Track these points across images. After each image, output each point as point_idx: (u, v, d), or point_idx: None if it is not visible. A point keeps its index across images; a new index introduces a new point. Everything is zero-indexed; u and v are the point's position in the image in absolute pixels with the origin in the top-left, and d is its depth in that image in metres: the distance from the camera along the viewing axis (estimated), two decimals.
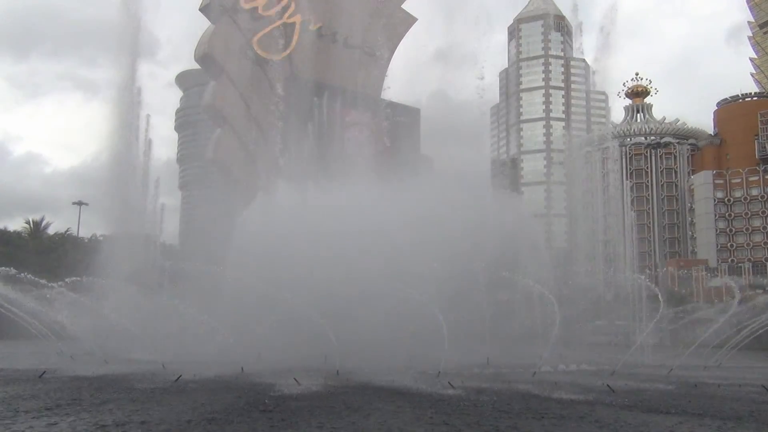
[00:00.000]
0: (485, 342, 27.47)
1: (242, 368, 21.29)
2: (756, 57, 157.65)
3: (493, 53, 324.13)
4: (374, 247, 26.60)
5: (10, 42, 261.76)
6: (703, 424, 12.87)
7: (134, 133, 41.60)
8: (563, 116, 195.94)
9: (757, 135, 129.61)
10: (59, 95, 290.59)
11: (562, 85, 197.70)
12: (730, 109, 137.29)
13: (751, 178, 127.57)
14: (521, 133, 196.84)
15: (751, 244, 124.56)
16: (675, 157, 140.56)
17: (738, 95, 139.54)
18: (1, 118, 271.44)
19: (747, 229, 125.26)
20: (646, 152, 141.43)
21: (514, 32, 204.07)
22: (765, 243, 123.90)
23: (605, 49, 58.03)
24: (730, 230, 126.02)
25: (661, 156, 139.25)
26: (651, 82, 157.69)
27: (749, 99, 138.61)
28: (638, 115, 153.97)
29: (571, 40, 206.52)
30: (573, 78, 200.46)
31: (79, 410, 13.13)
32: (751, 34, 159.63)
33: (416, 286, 24.29)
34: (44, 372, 19.68)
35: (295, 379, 18.22)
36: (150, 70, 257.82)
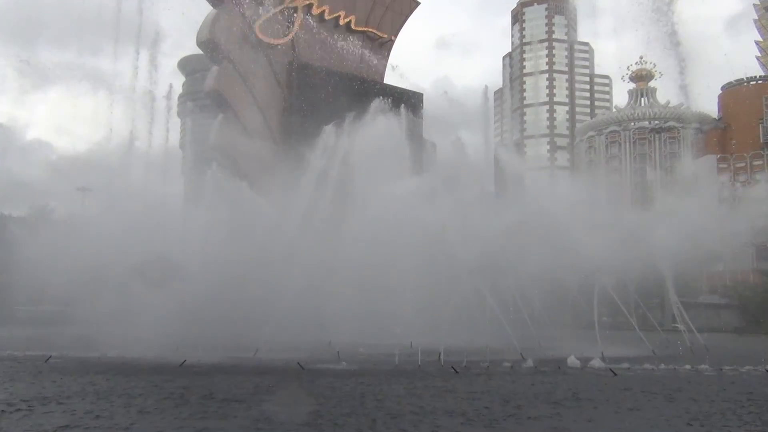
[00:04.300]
0: None
1: None
2: (761, 40, 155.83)
3: (496, 37, 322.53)
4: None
5: (17, 31, 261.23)
6: None
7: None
8: (567, 100, 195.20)
9: (762, 119, 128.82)
10: (66, 83, 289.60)
11: (566, 69, 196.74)
12: (734, 92, 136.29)
13: (755, 163, 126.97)
14: (524, 117, 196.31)
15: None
16: (679, 141, 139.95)
17: (743, 79, 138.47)
18: (9, 106, 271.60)
19: None
20: (650, 136, 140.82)
21: (517, 16, 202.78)
22: None
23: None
24: None
25: (665, 140, 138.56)
26: (655, 65, 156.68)
27: (754, 83, 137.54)
28: (642, 99, 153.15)
29: (575, 24, 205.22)
30: (577, 62, 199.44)
31: None
32: (757, 17, 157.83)
33: None
34: None
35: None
36: (152, 56, 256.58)
